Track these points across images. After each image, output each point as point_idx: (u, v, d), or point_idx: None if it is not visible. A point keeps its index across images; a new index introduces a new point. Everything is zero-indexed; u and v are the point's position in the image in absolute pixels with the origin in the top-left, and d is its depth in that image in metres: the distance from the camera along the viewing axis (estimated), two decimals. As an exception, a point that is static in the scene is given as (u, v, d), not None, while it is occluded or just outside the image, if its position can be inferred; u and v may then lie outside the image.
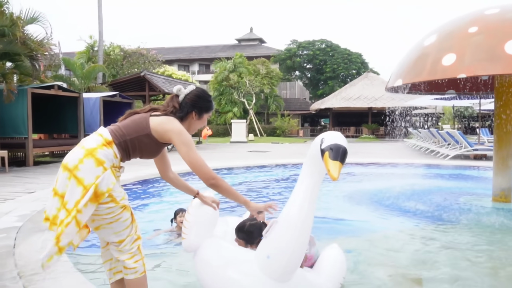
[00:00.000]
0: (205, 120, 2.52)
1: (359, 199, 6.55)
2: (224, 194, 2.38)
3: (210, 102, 2.52)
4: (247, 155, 14.76)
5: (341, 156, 2.13)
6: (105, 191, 2.08)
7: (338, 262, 2.82)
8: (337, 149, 2.12)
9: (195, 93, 2.46)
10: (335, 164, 2.08)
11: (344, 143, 2.19)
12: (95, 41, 27.04)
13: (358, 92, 33.81)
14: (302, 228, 2.28)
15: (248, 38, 54.13)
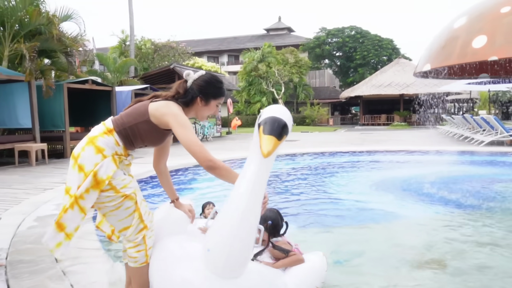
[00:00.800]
0: (213, 107, 2.39)
1: (388, 186, 6.51)
2: (223, 178, 2.21)
3: (218, 89, 2.38)
4: (276, 145, 14.79)
5: (276, 130, 1.90)
6: (104, 178, 2.11)
7: (316, 269, 2.53)
8: (271, 122, 1.92)
9: (203, 78, 2.36)
10: (268, 139, 1.87)
11: (282, 115, 1.97)
12: (126, 36, 27.69)
13: (389, 79, 33.05)
14: (244, 218, 2.00)
15: (276, 27, 53.76)
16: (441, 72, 6.37)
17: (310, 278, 2.44)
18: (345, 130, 26.88)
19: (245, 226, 2.02)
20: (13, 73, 10.17)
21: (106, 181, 2.11)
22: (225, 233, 2.02)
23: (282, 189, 6.44)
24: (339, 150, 11.81)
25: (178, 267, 2.16)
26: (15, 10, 10.93)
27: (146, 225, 2.25)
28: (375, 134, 21.13)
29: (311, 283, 2.42)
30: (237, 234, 2.00)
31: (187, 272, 2.12)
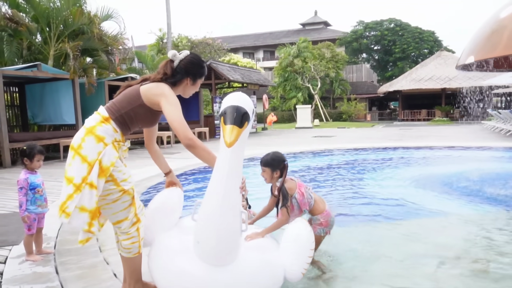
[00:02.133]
0: (198, 85, 2.56)
1: (428, 183, 6.32)
2: (201, 158, 2.30)
3: (203, 68, 2.53)
4: (312, 140, 14.71)
5: (237, 118, 1.89)
6: (109, 165, 2.21)
7: (301, 236, 2.45)
8: (231, 112, 1.91)
9: (189, 59, 2.46)
10: (229, 130, 1.87)
11: (241, 103, 1.95)
12: (164, 34, 28.22)
13: (430, 73, 31.94)
14: (224, 208, 2.05)
15: (312, 22, 53.16)
16: (487, 65, 6.10)
17: (303, 250, 2.41)
18: (383, 126, 26.28)
19: (226, 215, 2.06)
20: (58, 72, 10.63)
21: (111, 167, 2.21)
22: (209, 224, 2.07)
23: (317, 184, 6.40)
24: (377, 146, 11.57)
25: (176, 259, 2.25)
26: (60, 10, 11.41)
27: (139, 218, 2.35)
28: (414, 129, 20.52)
29: (305, 253, 2.41)
30: (220, 223, 2.05)
31: (185, 263, 2.21)
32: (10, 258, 3.20)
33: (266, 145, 13.12)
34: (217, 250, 2.09)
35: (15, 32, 10.89)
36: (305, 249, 2.40)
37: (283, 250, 2.40)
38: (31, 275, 2.85)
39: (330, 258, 3.17)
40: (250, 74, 21.68)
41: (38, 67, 9.80)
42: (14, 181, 6.82)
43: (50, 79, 10.75)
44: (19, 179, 3.12)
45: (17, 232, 3.79)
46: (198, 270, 2.16)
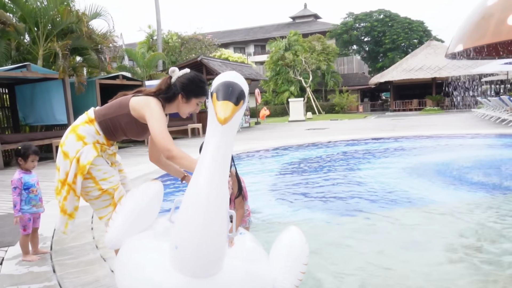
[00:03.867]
0: (194, 104, 2.46)
1: (421, 172, 6.38)
2: (183, 166, 2.27)
3: (200, 88, 2.45)
4: (305, 133, 14.75)
5: (231, 94, 1.70)
6: (85, 164, 2.28)
7: (295, 248, 2.14)
8: (225, 87, 1.72)
9: (186, 76, 2.43)
10: (223, 105, 1.66)
11: (236, 79, 1.78)
12: (154, 31, 28.09)
13: (420, 63, 32.09)
14: (210, 205, 1.71)
15: (302, 15, 53.08)
16: (475, 52, 6.16)
17: (296, 263, 2.10)
18: (376, 117, 26.41)
19: (212, 214, 1.73)
20: (48, 71, 10.54)
21: (87, 166, 2.29)
22: (191, 225, 1.74)
23: (311, 177, 6.43)
24: (369, 136, 11.64)
25: (146, 269, 1.89)
26: (47, 10, 11.30)
27: None
28: (406, 119, 20.66)
29: (297, 268, 2.10)
30: (204, 224, 1.72)
31: (157, 274, 1.85)
32: (6, 259, 3.20)
33: (260, 139, 13.14)
34: (198, 258, 1.75)
35: (2, 32, 10.78)
36: (299, 263, 2.10)
37: (273, 262, 2.11)
38: (28, 275, 2.85)
39: (323, 248, 3.20)
40: (241, 69, 21.64)
41: (27, 68, 9.72)
42: (7, 183, 6.79)
43: (40, 79, 10.67)
44: (13, 179, 3.12)
45: (12, 233, 3.79)
46: (174, 283, 1.80)
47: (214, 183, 1.73)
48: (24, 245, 3.16)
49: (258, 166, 7.91)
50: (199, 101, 2.46)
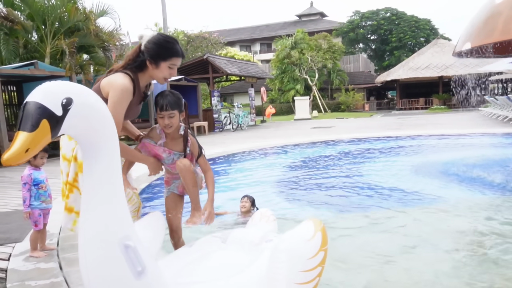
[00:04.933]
0: (165, 69, 2.21)
1: (428, 171, 6.35)
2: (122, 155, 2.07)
3: (166, 49, 2.19)
4: (311, 132, 14.72)
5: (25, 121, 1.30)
6: (68, 158, 2.23)
7: (287, 252, 1.74)
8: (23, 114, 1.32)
9: (152, 40, 2.19)
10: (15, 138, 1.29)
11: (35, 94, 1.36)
12: (160, 29, 28.10)
13: (427, 61, 31.89)
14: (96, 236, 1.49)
15: (308, 13, 52.92)
16: (483, 51, 6.11)
17: (283, 275, 1.69)
18: (382, 115, 26.29)
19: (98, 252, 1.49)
20: (55, 69, 10.60)
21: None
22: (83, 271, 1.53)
23: (317, 175, 6.43)
24: (376, 135, 11.60)
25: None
26: (55, 8, 11.36)
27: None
28: (413, 118, 20.55)
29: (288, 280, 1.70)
30: (91, 270, 1.51)
31: None
32: (13, 255, 3.22)
33: (266, 137, 13.14)
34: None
35: (11, 30, 10.86)
36: (290, 272, 1.69)
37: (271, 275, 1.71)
38: (35, 271, 2.88)
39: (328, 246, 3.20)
40: (247, 67, 21.63)
41: (35, 65, 9.78)
42: (15, 180, 6.85)
43: (47, 77, 10.72)
44: (23, 175, 3.15)
45: (19, 230, 3.82)
46: None
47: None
48: (34, 240, 3.19)
49: (264, 164, 7.92)
50: (170, 63, 2.21)
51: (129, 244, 1.53)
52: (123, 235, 1.52)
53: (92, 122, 1.47)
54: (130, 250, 1.53)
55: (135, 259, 1.53)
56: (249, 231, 2.24)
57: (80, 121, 1.42)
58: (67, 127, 1.39)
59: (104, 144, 1.52)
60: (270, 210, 2.61)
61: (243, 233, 2.18)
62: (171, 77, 2.28)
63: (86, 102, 1.44)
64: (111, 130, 1.55)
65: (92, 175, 1.53)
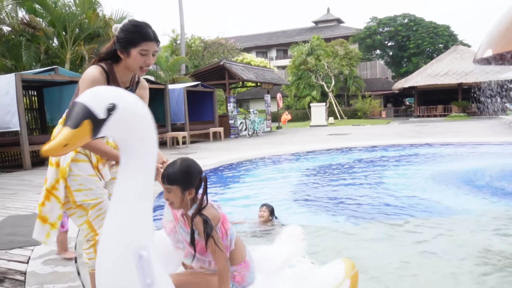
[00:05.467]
0: (137, 56, 2.01)
1: (447, 180, 6.23)
2: (93, 151, 2.06)
3: (133, 34, 1.99)
4: (327, 138, 14.64)
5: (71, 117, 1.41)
6: (65, 166, 2.07)
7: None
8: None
9: (121, 27, 2.03)
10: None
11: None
12: (177, 35, 28.43)
13: (446, 68, 31.45)
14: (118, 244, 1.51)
15: (325, 19, 52.88)
16: (505, 58, 5.98)
17: None
18: (399, 123, 26.00)
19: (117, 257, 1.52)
20: (75, 75, 10.78)
21: (67, 168, 2.06)
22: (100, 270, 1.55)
23: (334, 183, 6.37)
24: (393, 143, 11.45)
25: None
26: (75, 15, 11.61)
27: (96, 240, 2.11)
28: (431, 126, 20.26)
29: None
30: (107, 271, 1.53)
31: None
32: (32, 258, 3.26)
33: (281, 144, 13.11)
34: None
35: (32, 36, 11.12)
36: None
37: None
38: (53, 274, 2.90)
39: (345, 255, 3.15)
40: (263, 73, 21.67)
41: (55, 71, 9.97)
42: (34, 183, 6.97)
43: (67, 82, 10.92)
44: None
45: (38, 233, 3.87)
46: None
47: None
48: (63, 242, 3.22)
49: (280, 171, 7.88)
50: (141, 49, 2.00)
51: (143, 254, 1.52)
52: (140, 244, 1.52)
53: (132, 128, 1.52)
54: (144, 260, 1.52)
55: (146, 270, 1.52)
56: (274, 250, 2.13)
57: (120, 126, 1.48)
58: (108, 130, 1.47)
59: (140, 151, 1.57)
60: (300, 228, 2.42)
61: (268, 251, 2.10)
62: (148, 66, 2.07)
63: (129, 109, 1.50)
64: (151, 140, 1.59)
65: (121, 180, 1.57)
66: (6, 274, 2.93)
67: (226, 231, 1.83)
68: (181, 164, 1.83)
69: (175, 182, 1.80)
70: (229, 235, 1.83)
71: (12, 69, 11.61)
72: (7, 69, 11.70)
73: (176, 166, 1.83)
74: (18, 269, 3.02)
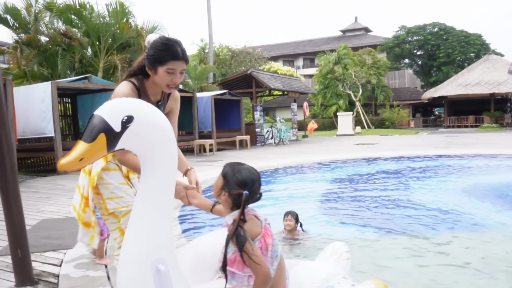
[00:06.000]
0: (163, 74, 2.00)
1: (480, 193, 6.05)
2: (125, 165, 2.06)
3: (161, 52, 1.97)
4: (354, 148, 14.48)
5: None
6: (94, 175, 2.16)
7: None
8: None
9: (151, 44, 2.01)
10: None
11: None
12: (205, 44, 28.88)
13: (477, 77, 30.62)
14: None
15: (353, 28, 52.60)
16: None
17: None
18: (428, 133, 25.44)
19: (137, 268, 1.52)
20: (107, 83, 11.12)
21: (95, 177, 2.14)
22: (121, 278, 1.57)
23: (360, 193, 6.29)
24: (422, 153, 11.22)
25: None
26: (109, 25, 11.99)
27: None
28: (461, 136, 19.72)
29: None
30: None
31: None
32: (65, 261, 3.36)
33: (308, 152, 13.05)
34: None
35: (68, 46, 11.54)
36: None
37: None
38: (84, 278, 2.98)
39: (373, 267, 3.11)
40: (290, 82, 21.70)
41: (89, 79, 10.31)
42: (67, 187, 7.19)
43: (99, 90, 11.27)
44: None
45: (71, 237, 3.98)
46: None
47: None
48: (101, 249, 3.31)
49: (305, 180, 7.85)
50: (168, 68, 1.99)
51: (161, 268, 1.51)
52: (158, 257, 1.51)
53: (149, 140, 1.51)
54: (161, 274, 1.50)
55: (164, 284, 1.50)
56: (313, 268, 2.05)
57: (138, 139, 1.47)
58: (125, 142, 1.45)
59: (158, 164, 1.55)
60: (344, 246, 2.29)
61: (307, 269, 2.03)
62: (174, 84, 2.05)
63: (147, 121, 1.48)
64: (169, 153, 1.57)
65: (140, 193, 1.58)
66: (40, 276, 3.03)
67: (267, 246, 1.73)
68: (239, 167, 1.81)
69: (224, 173, 1.81)
70: (269, 251, 1.73)
71: (48, 78, 12.08)
72: (43, 78, 12.18)
73: (239, 165, 1.82)
74: (52, 271, 3.12)
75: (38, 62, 12.00)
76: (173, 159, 1.60)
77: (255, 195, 1.79)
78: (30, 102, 9.45)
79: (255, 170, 1.84)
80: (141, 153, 1.55)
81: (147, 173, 1.56)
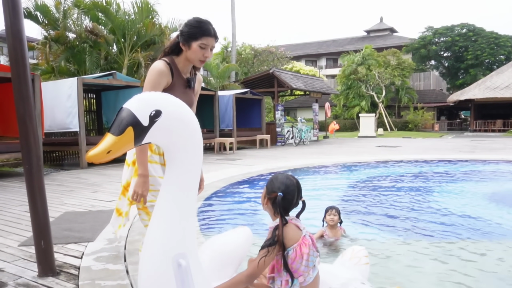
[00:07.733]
0: (197, 49, 2.18)
1: (505, 199, 5.87)
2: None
3: (195, 28, 2.17)
4: (376, 150, 14.27)
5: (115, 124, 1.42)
6: (129, 163, 2.26)
7: None
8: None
9: (185, 22, 2.24)
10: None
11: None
12: (228, 43, 29.02)
13: (507, 80, 29.73)
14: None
15: (377, 28, 51.88)
16: None
17: None
18: (453, 137, 24.86)
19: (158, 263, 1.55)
20: (131, 80, 11.29)
21: (131, 165, 2.25)
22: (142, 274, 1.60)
23: (381, 197, 6.18)
24: (446, 157, 10.97)
25: None
26: (134, 23, 12.17)
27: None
28: (488, 141, 19.19)
29: None
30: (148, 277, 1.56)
31: None
32: (85, 254, 3.42)
33: (328, 154, 12.94)
34: None
35: (94, 43, 11.77)
36: None
37: None
38: (104, 271, 3.02)
39: (392, 271, 3.05)
40: (312, 82, 21.56)
41: (113, 76, 10.48)
42: (90, 181, 7.33)
43: (123, 87, 11.45)
44: None
45: (92, 230, 4.06)
46: None
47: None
48: None
49: (325, 181, 7.78)
50: (200, 43, 2.17)
51: (182, 262, 1.52)
52: (179, 252, 1.53)
53: (177, 135, 1.53)
54: (182, 269, 1.52)
55: (185, 278, 1.52)
56: (332, 272, 2.04)
57: (165, 133, 1.49)
58: (152, 136, 1.47)
59: (184, 160, 1.57)
60: (364, 250, 2.28)
61: (325, 272, 2.00)
62: (206, 58, 2.23)
63: (175, 116, 1.50)
64: (195, 149, 1.59)
65: (164, 187, 1.59)
66: (62, 267, 3.09)
67: (302, 255, 1.76)
68: (278, 174, 1.96)
69: (266, 183, 1.95)
70: (305, 260, 1.76)
71: (75, 73, 12.36)
72: (70, 73, 12.46)
73: (279, 174, 1.97)
74: (73, 263, 3.18)
75: (65, 58, 12.29)
76: (198, 154, 1.62)
77: (292, 199, 1.88)
78: (56, 97, 9.68)
79: (293, 177, 1.95)
80: (167, 147, 1.56)
81: (172, 167, 1.57)
